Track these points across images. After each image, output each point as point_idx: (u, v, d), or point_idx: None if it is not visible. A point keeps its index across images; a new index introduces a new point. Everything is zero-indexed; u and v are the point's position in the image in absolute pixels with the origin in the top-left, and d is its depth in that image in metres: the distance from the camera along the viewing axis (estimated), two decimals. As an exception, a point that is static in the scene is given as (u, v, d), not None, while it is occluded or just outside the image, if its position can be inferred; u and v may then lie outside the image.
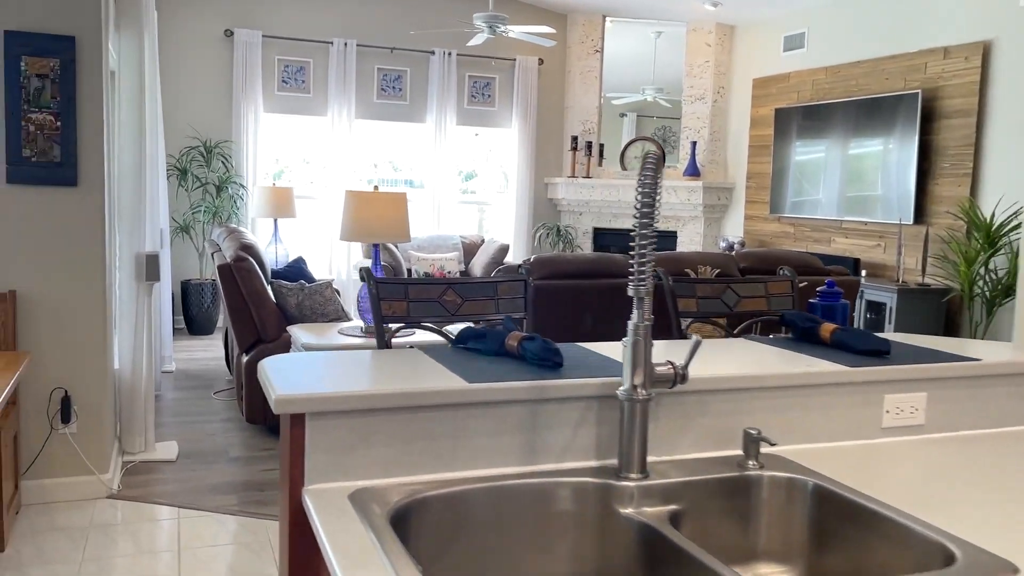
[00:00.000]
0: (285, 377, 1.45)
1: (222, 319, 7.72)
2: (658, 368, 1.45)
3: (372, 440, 1.39)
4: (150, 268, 4.03)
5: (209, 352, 6.72)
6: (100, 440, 3.62)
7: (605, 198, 8.44)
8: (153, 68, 4.22)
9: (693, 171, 8.11)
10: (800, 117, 7.06)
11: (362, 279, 1.98)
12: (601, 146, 8.75)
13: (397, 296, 1.94)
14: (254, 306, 4.44)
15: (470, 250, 7.96)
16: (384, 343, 1.97)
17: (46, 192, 3.42)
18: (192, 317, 7.28)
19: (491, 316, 2.07)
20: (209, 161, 7.45)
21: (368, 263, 7.20)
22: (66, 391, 3.54)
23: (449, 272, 7.64)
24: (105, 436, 3.64)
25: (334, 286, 6.71)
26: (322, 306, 4.65)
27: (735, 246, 7.66)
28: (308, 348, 3.87)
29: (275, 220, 6.82)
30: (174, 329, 7.01)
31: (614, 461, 1.53)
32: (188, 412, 4.96)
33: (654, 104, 8.69)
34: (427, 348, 1.76)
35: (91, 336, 3.56)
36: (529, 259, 4.03)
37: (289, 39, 7.76)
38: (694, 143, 8.12)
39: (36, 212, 3.41)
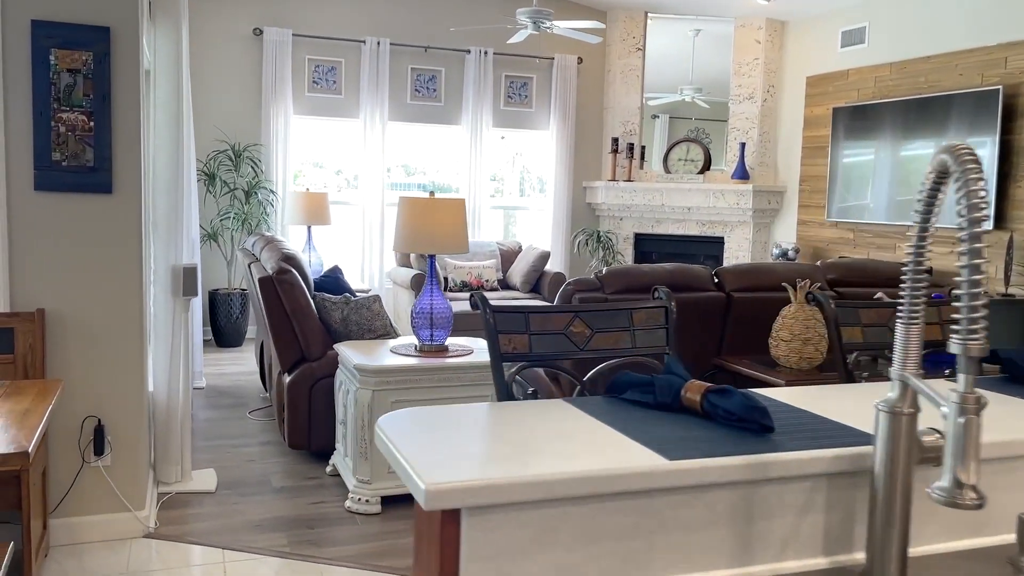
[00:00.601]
0: (420, 449, 1.09)
1: (252, 330, 7.39)
2: (924, 439, 1.08)
3: (549, 541, 1.03)
4: (188, 282, 3.69)
5: (239, 366, 6.39)
6: (136, 473, 3.28)
7: (648, 202, 8.06)
8: (186, 65, 3.88)
9: (742, 174, 7.72)
10: (861, 116, 6.66)
11: (475, 307, 1.62)
12: (643, 148, 8.37)
13: (517, 328, 1.58)
14: (298, 322, 4.10)
15: (508, 258, 7.60)
16: (506, 391, 1.61)
17: (78, 200, 3.08)
18: (220, 329, 6.95)
19: (626, 351, 1.71)
20: (238, 165, 7.13)
21: (409, 273, 6.83)
22: (99, 420, 3.20)
23: (487, 281, 7.28)
24: (141, 468, 3.30)
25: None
26: (369, 321, 4.30)
27: (790, 253, 7.27)
28: (361, 370, 3.52)
29: (308, 228, 6.48)
30: (203, 342, 6.68)
31: (846, 557, 1.17)
32: (223, 434, 4.61)
33: (688, 105, 8.30)
34: (572, 400, 1.40)
35: (127, 358, 3.22)
36: (600, 270, 3.66)
37: (320, 38, 7.44)
38: (743, 144, 7.74)
39: (67, 222, 3.08)
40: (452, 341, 4.05)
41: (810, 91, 7.37)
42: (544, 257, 7.26)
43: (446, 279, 7.20)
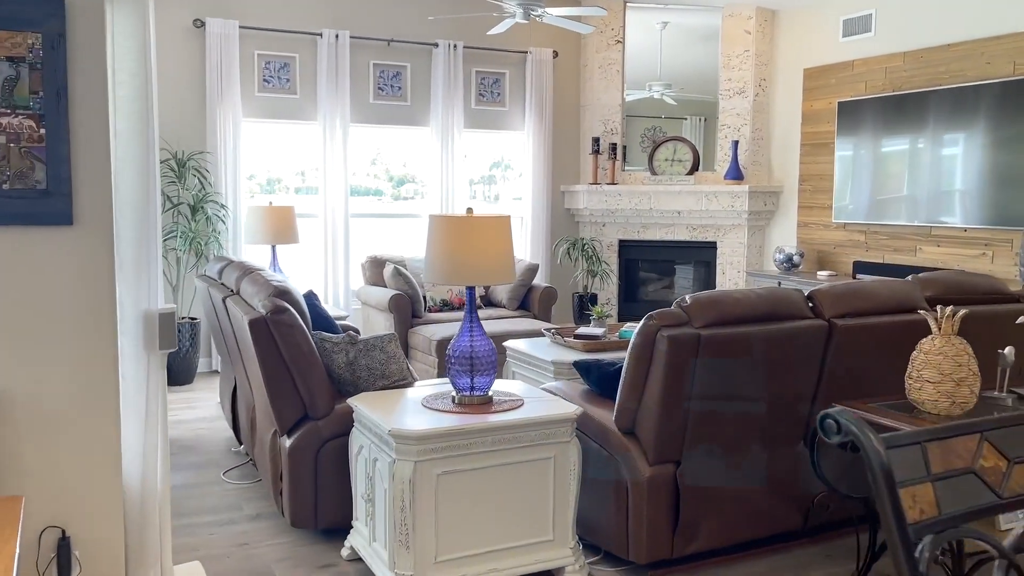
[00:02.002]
0: None
1: (204, 363, 6.50)
2: None
3: None
4: (165, 332, 2.88)
5: (195, 410, 5.51)
6: (113, 594, 2.47)
7: (634, 207, 7.47)
8: (154, 56, 3.05)
9: (736, 174, 7.21)
10: (873, 110, 6.21)
11: (847, 448, 0.94)
12: (624, 148, 7.78)
13: (915, 472, 0.91)
14: (299, 373, 3.32)
15: (490, 271, 6.89)
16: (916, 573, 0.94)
17: (25, 235, 2.27)
18: (168, 364, 6.03)
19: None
20: (182, 176, 6.22)
21: (385, 293, 6.03)
22: (63, 531, 2.38)
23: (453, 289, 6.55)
24: (120, 587, 2.49)
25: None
26: (383, 365, 3.55)
27: (795, 258, 6.78)
28: (399, 436, 2.78)
29: (273, 247, 5.64)
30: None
31: None
32: (201, 508, 3.79)
33: (653, 103, 7.74)
34: None
35: (96, 445, 2.41)
36: (684, 300, 3.01)
37: (271, 31, 6.58)
38: (735, 142, 7.22)
39: (11, 267, 2.26)
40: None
41: (808, 84, 6.89)
42: (532, 270, 6.59)
43: (424, 298, 6.45)
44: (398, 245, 7.33)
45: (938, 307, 2.73)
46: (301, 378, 3.33)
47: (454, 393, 3.16)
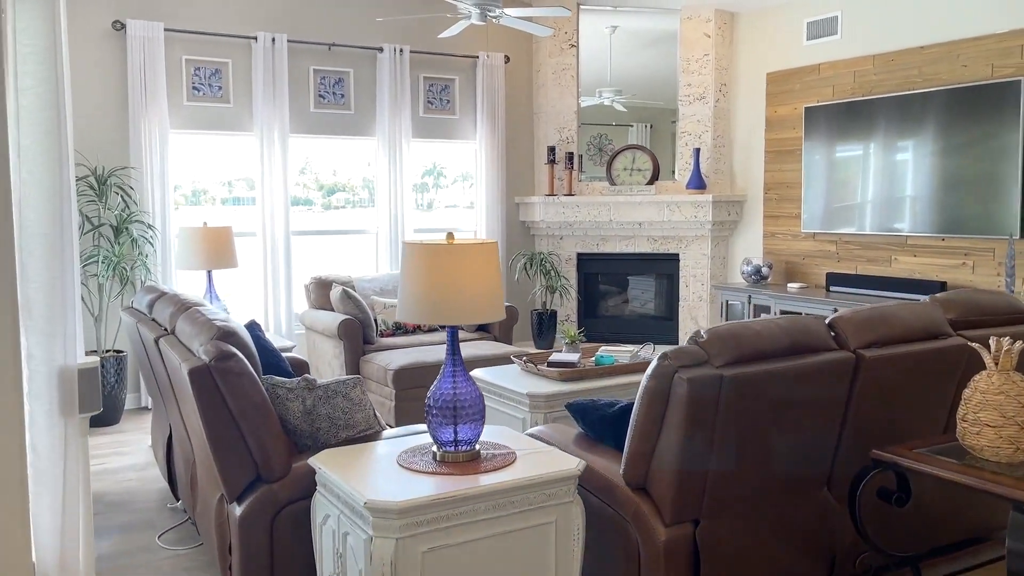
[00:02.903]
0: None
1: (132, 399, 5.90)
2: None
3: None
4: (87, 391, 2.38)
5: (124, 456, 4.93)
6: None
7: (593, 219, 7.12)
8: (66, 57, 2.54)
9: (698, 183, 6.92)
10: (843, 116, 5.98)
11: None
12: (581, 157, 7.43)
13: None
14: (250, 428, 2.83)
15: (445, 291, 6.43)
16: None
17: None
18: (92, 405, 5.41)
19: None
20: (103, 195, 5.61)
21: (334, 318, 5.52)
22: (-45, 663, 1.86)
23: (424, 324, 6.09)
24: None
25: (285, 354, 5.08)
26: (347, 413, 3.08)
27: (763, 270, 6.51)
28: (377, 510, 2.32)
29: (209, 273, 5.09)
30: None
31: None
32: (132, 584, 3.25)
33: (591, 110, 7.42)
34: None
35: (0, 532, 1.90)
36: (699, 335, 2.63)
37: (200, 34, 6.02)
38: (697, 150, 6.93)
39: None
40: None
41: (772, 89, 6.65)
42: (491, 289, 6.15)
43: (376, 321, 5.96)
44: (344, 263, 6.82)
45: (992, 339, 2.40)
46: (252, 435, 2.83)
47: (435, 448, 2.71)
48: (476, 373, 4.49)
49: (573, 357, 4.49)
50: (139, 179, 5.79)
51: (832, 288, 6.00)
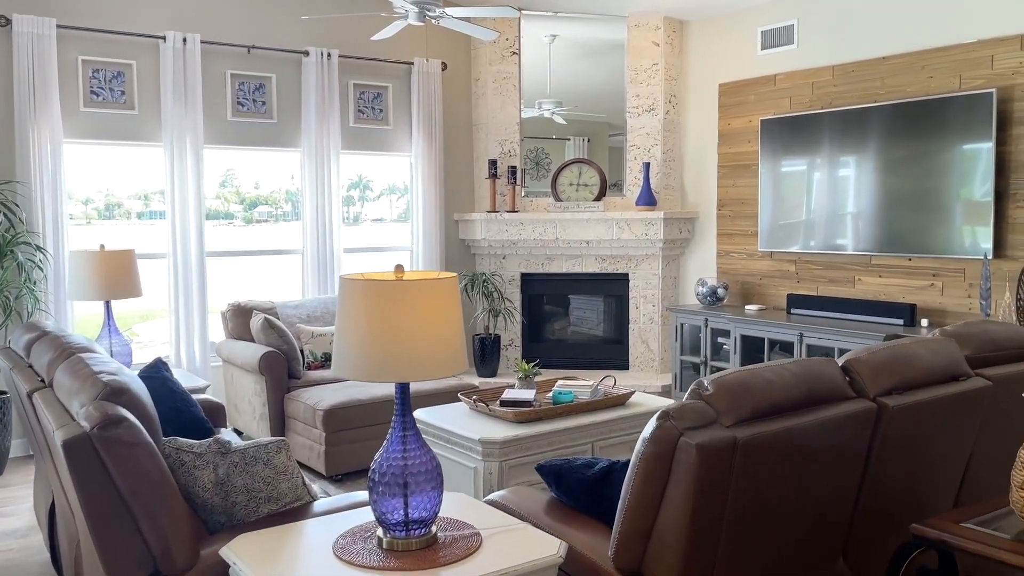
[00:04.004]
0: None
1: (17, 447, 5.16)
2: None
3: None
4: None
5: (9, 516, 4.23)
6: None
7: (538, 236, 6.67)
8: None
9: (648, 199, 6.53)
10: (801, 129, 5.67)
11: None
12: (523, 171, 6.98)
13: None
14: (145, 511, 2.24)
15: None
16: None
17: None
18: (-32, 456, 4.68)
19: None
20: (-17, 213, 4.89)
21: (256, 351, 4.90)
22: None
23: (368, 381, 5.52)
24: None
25: (198, 394, 4.47)
26: (269, 484, 2.51)
27: (719, 291, 6.15)
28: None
29: (107, 304, 4.43)
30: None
31: None
32: None
33: (529, 123, 7.01)
34: None
35: None
36: (704, 386, 2.17)
37: (99, 31, 5.35)
38: (647, 164, 6.54)
39: None
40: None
41: (725, 101, 6.32)
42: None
43: (302, 352, 5.36)
44: (266, 287, 6.20)
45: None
46: (148, 518, 2.25)
47: (380, 533, 2.18)
48: (418, 414, 3.96)
49: (528, 394, 4.00)
50: (27, 195, 5.08)
51: (793, 311, 5.66)
